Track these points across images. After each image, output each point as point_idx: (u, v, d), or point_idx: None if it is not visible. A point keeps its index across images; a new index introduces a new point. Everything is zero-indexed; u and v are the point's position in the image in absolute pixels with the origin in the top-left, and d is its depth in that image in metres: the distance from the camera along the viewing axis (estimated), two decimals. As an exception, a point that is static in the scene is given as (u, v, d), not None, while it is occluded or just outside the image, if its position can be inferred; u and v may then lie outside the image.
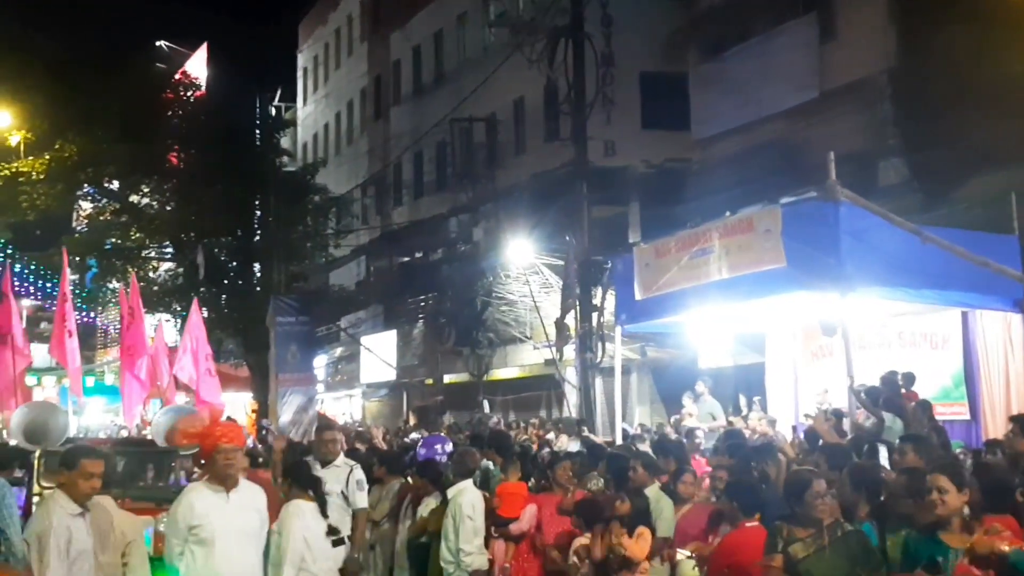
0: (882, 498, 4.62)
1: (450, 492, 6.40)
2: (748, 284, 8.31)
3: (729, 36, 15.83)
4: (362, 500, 6.46)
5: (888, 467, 5.75)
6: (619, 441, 9.88)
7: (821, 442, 7.18)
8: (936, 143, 11.35)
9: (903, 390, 8.65)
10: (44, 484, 7.59)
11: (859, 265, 7.61)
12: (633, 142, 17.68)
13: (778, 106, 14.25)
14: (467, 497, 6.26)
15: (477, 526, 6.23)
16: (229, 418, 11.75)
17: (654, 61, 18.18)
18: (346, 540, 5.92)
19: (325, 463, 6.49)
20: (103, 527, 4.76)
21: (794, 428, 9.57)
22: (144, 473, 9.27)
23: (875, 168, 12.27)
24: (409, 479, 7.68)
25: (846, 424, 8.23)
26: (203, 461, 5.09)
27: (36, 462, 7.96)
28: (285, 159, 24.40)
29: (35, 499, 7.52)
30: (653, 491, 5.85)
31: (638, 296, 9.80)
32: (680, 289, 9.14)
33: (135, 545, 5.20)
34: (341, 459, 6.60)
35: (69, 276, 12.23)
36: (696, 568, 5.33)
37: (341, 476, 6.42)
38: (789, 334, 10.65)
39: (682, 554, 5.52)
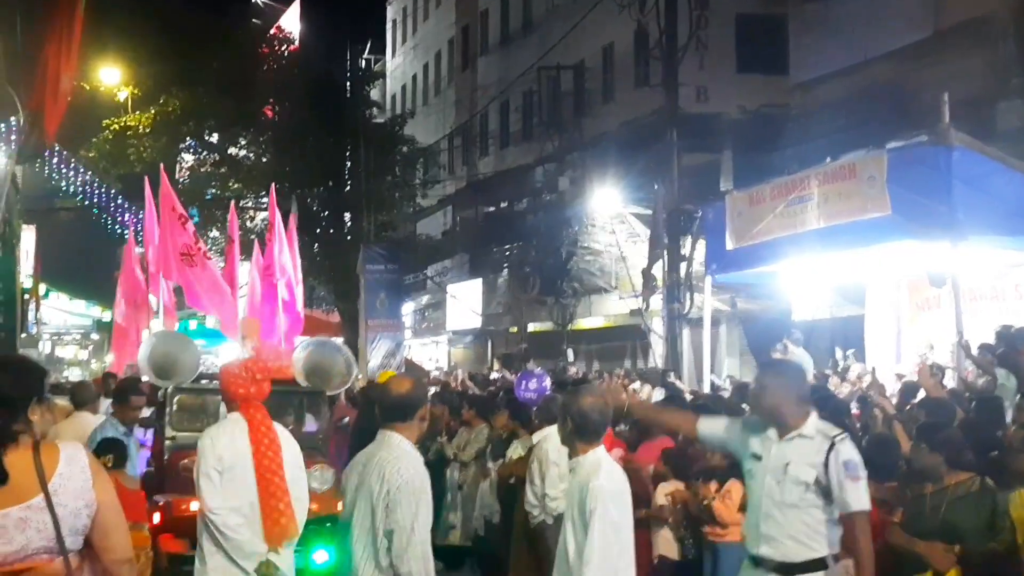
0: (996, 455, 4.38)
1: (535, 437, 6.42)
2: (848, 233, 7.97)
3: (834, -27, 14.95)
4: (857, 499, 3.48)
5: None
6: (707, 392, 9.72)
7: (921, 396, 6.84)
8: (1063, 83, 10.49)
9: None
10: (177, 430, 6.82)
11: (972, 213, 7.19)
12: (727, 87, 17.08)
13: (887, 46, 13.43)
14: (553, 443, 6.26)
15: (563, 472, 6.24)
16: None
17: (751, 2, 17.41)
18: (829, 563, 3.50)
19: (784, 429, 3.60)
20: None
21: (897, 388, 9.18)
22: (285, 417, 7.37)
23: (993, 111, 11.46)
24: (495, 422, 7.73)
25: (950, 381, 7.84)
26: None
27: (167, 401, 6.96)
28: (374, 111, 24.64)
29: (167, 443, 6.78)
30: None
31: (730, 245, 9.54)
32: (775, 238, 8.85)
33: None
34: (811, 424, 3.60)
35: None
36: None
37: (813, 450, 3.54)
38: (892, 285, 10.16)
39: None
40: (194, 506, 5.53)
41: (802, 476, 3.46)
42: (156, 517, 6.11)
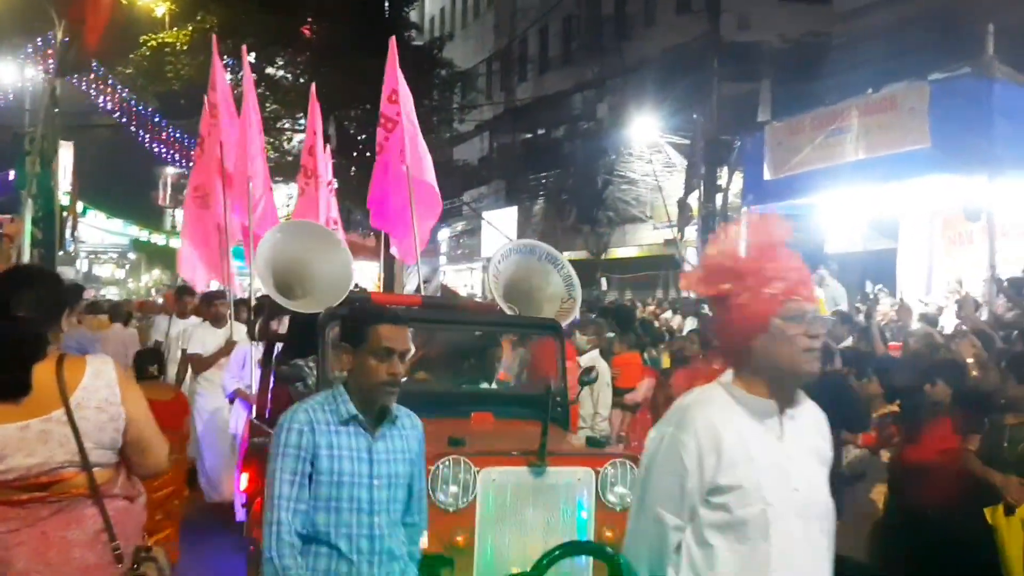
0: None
1: (583, 360, 6.75)
2: (886, 165, 8.04)
3: None
4: None
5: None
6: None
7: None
8: (1119, 15, 10.20)
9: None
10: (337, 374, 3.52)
11: (1012, 147, 7.22)
12: (770, 15, 16.75)
13: (937, -27, 13.05)
14: (602, 365, 6.62)
15: (609, 393, 6.66)
16: (357, 286, 12.03)
17: (798, -73, 16.88)
18: None
19: None
20: None
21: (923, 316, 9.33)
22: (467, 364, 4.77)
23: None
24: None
25: (981, 315, 7.99)
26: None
27: (321, 336, 4.11)
28: (413, 33, 24.43)
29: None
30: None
31: (767, 176, 9.63)
32: (812, 169, 8.94)
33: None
34: None
35: None
36: None
37: None
38: (926, 219, 10.22)
39: None
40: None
41: None
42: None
